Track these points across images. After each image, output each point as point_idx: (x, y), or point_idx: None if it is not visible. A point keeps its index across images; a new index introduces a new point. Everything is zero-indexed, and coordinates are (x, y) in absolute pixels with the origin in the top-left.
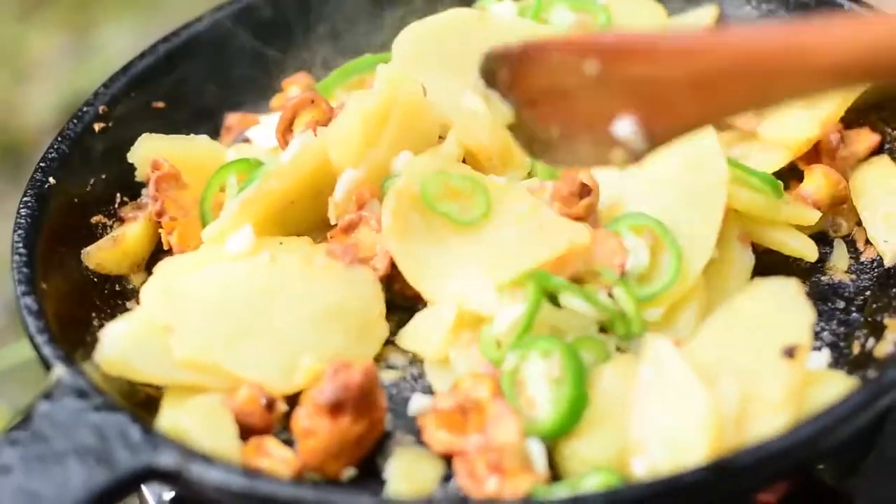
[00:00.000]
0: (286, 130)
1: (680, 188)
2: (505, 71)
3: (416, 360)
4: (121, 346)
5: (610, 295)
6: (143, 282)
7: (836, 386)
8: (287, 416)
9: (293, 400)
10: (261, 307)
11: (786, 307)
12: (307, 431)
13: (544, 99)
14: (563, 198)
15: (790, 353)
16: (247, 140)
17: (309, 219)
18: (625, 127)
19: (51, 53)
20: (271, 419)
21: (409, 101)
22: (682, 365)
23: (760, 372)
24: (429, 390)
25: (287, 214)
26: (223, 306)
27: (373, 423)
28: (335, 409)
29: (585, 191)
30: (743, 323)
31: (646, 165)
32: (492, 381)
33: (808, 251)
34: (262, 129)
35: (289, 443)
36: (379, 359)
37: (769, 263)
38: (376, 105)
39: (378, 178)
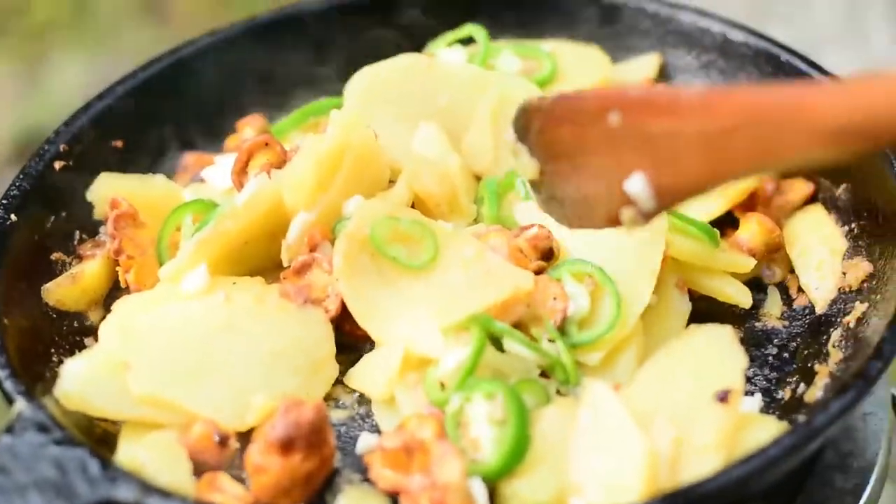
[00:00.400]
0: (241, 172)
1: (620, 236)
2: (537, 122)
3: (364, 400)
4: (80, 382)
5: (551, 340)
6: (102, 318)
7: (768, 430)
8: (241, 452)
9: (247, 437)
10: (215, 346)
11: (720, 353)
12: (259, 468)
13: (567, 153)
14: (518, 250)
15: (723, 397)
16: (202, 180)
17: (263, 259)
18: (636, 183)
19: (1, 84)
20: (224, 455)
21: (361, 146)
22: (619, 409)
23: (695, 416)
24: (376, 429)
25: (241, 255)
26: (179, 344)
27: (322, 461)
28: (286, 445)
29: (548, 253)
30: (679, 368)
31: None
32: (436, 421)
33: (742, 298)
34: (217, 169)
35: (241, 479)
36: (329, 398)
37: (705, 309)
38: (329, 150)
39: (330, 221)
